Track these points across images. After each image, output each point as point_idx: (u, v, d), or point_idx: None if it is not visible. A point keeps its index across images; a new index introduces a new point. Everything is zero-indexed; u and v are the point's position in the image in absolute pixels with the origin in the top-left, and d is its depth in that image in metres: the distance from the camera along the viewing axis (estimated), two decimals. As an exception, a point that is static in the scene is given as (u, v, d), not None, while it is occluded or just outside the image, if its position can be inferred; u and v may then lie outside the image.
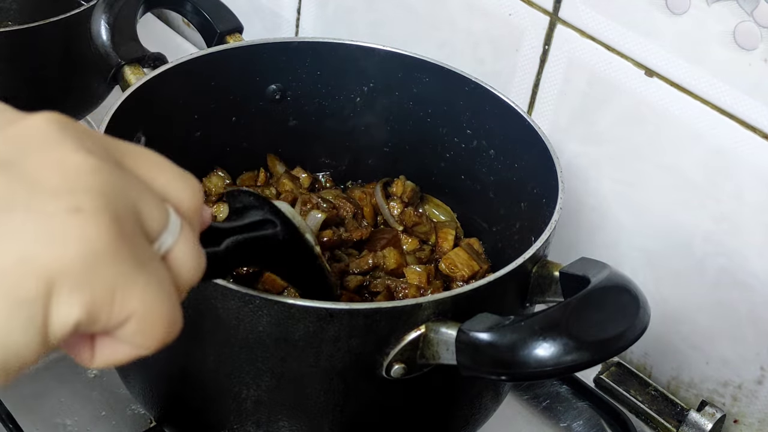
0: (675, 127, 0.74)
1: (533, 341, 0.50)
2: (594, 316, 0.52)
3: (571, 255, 0.87)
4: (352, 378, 0.57)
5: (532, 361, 0.50)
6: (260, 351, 0.56)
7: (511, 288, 0.60)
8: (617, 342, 0.52)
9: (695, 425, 0.78)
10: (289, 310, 0.53)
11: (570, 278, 0.58)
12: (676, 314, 0.81)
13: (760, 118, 0.69)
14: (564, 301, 0.53)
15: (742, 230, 0.73)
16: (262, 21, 1.09)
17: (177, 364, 0.61)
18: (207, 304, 0.55)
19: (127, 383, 0.67)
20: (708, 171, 0.74)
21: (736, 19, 0.68)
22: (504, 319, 0.52)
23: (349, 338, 0.54)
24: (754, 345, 0.76)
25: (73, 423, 0.71)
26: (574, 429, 0.78)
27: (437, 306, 0.54)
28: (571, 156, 0.83)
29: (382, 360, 0.55)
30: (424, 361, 0.55)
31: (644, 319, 0.53)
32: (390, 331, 0.54)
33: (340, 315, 0.54)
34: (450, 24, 0.87)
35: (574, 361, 0.50)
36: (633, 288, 0.54)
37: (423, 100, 0.78)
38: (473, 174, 0.78)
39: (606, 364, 0.83)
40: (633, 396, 0.80)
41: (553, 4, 0.79)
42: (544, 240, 0.60)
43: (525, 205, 0.73)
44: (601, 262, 0.57)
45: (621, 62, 0.76)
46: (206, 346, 0.58)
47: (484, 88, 0.74)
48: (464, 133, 0.78)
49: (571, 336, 0.50)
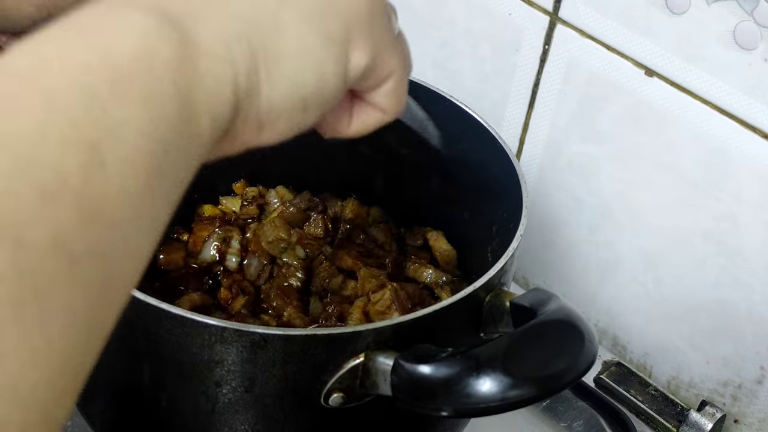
0: (675, 127, 0.74)
1: (467, 376, 0.48)
2: (534, 351, 0.50)
3: (571, 255, 0.88)
4: (289, 405, 0.55)
5: (466, 397, 0.48)
6: (194, 374, 0.54)
7: (461, 317, 0.58)
8: (557, 379, 0.50)
9: (695, 425, 0.77)
10: (221, 333, 0.52)
11: (519, 310, 0.56)
12: (676, 314, 0.81)
13: (760, 118, 0.69)
14: (503, 335, 0.51)
15: (742, 230, 0.73)
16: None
17: (117, 383, 0.61)
18: (141, 323, 0.54)
19: (81, 408, 0.67)
20: (708, 171, 0.74)
21: (736, 18, 0.68)
22: (441, 351, 0.50)
23: (284, 364, 0.53)
24: (754, 345, 0.76)
25: (73, 423, 0.71)
26: (574, 429, 0.78)
27: (378, 334, 0.52)
28: (571, 156, 0.83)
29: (319, 388, 0.53)
30: (363, 391, 0.53)
31: (588, 355, 0.51)
32: (328, 358, 0.52)
33: (274, 340, 0.52)
34: (450, 24, 0.87)
35: (508, 398, 0.48)
36: (578, 323, 0.52)
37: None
38: (449, 193, 0.77)
39: (606, 364, 0.83)
40: (633, 396, 0.80)
41: (553, 4, 0.79)
42: (499, 268, 0.58)
43: (496, 228, 0.71)
44: (553, 294, 0.55)
45: (621, 62, 0.76)
46: (143, 365, 0.57)
47: (458, 106, 0.73)
48: (440, 151, 0.76)
49: (506, 372, 0.48)
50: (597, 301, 0.87)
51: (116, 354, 0.58)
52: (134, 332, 0.55)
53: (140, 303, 0.53)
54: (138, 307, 0.53)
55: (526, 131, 0.86)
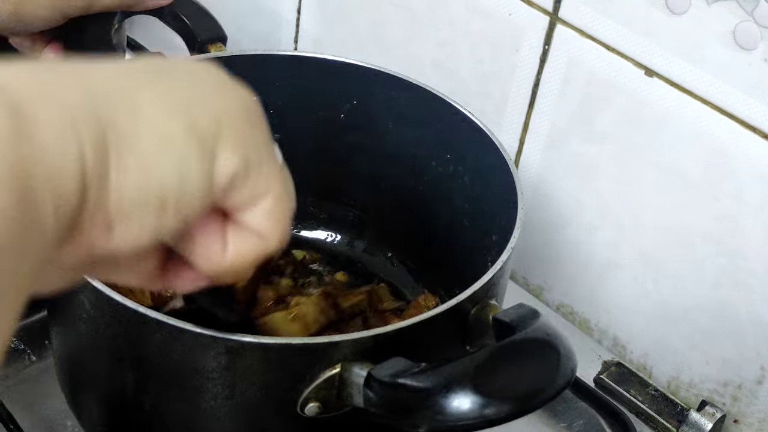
0: (675, 127, 0.74)
1: (436, 393, 0.47)
2: (507, 369, 0.50)
3: (571, 255, 0.88)
4: (268, 414, 0.55)
5: (437, 414, 0.47)
6: (176, 380, 0.55)
7: (445, 330, 0.57)
8: (530, 399, 0.49)
9: (695, 425, 0.77)
10: (198, 339, 0.51)
11: (501, 325, 0.55)
12: (676, 314, 0.81)
13: (760, 118, 0.69)
14: (478, 351, 0.50)
15: (742, 230, 0.73)
16: (262, 21, 1.09)
17: (103, 386, 0.61)
18: (123, 327, 0.54)
19: (68, 402, 0.67)
20: (708, 171, 0.74)
21: (736, 18, 0.68)
22: (415, 366, 0.50)
23: (262, 372, 0.52)
24: (754, 345, 0.76)
25: (73, 423, 0.71)
26: (574, 429, 0.78)
27: (355, 345, 0.52)
28: (571, 156, 0.83)
29: (296, 397, 0.53)
30: (340, 402, 0.53)
31: (564, 375, 0.50)
32: (305, 368, 0.52)
33: (251, 348, 0.51)
34: (450, 24, 0.87)
35: (481, 416, 0.47)
36: (555, 341, 0.51)
37: (402, 120, 0.77)
38: (449, 200, 0.76)
39: (606, 364, 0.83)
40: (633, 396, 0.80)
41: (553, 4, 0.79)
42: (485, 282, 0.57)
43: (495, 237, 0.69)
44: (536, 310, 0.54)
45: (621, 62, 0.76)
46: (125, 369, 0.57)
47: (460, 111, 0.72)
48: (442, 157, 0.76)
49: (475, 390, 0.47)
50: (597, 301, 0.87)
51: (101, 356, 0.59)
52: (117, 336, 0.55)
53: (121, 306, 0.52)
54: (118, 310, 0.53)
55: (526, 131, 0.86)
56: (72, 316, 0.58)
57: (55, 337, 0.66)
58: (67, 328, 0.61)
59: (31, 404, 0.72)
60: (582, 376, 0.80)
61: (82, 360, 0.62)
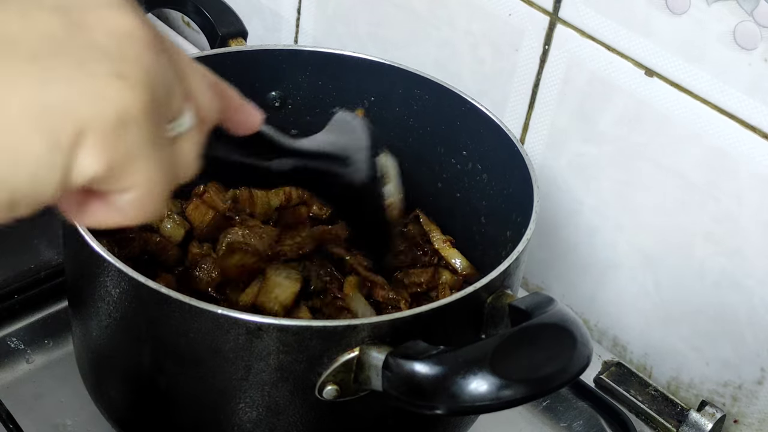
0: (675, 127, 0.74)
1: (454, 374, 0.48)
2: (523, 353, 0.50)
3: (571, 256, 0.88)
4: (283, 395, 0.55)
5: (455, 395, 0.48)
6: (192, 359, 0.55)
7: (460, 317, 0.58)
8: (547, 382, 0.50)
9: (695, 425, 0.77)
10: (218, 320, 0.52)
11: (517, 312, 0.56)
12: (676, 315, 0.81)
13: (760, 118, 0.69)
14: (492, 336, 0.51)
15: (742, 230, 0.73)
16: (262, 21, 1.09)
17: (121, 365, 0.61)
18: (143, 307, 0.54)
19: (87, 386, 0.68)
20: (708, 171, 0.74)
21: (736, 19, 0.68)
22: (432, 349, 0.50)
23: (279, 354, 0.53)
24: (753, 345, 0.76)
25: (74, 423, 0.71)
26: (574, 429, 0.78)
27: (373, 329, 0.52)
28: (571, 156, 0.83)
29: (314, 379, 0.53)
30: (358, 386, 0.53)
31: (581, 359, 0.51)
32: (322, 350, 0.53)
33: (269, 330, 0.52)
34: (450, 24, 0.88)
35: (498, 397, 0.48)
36: (571, 326, 0.52)
37: (422, 117, 0.78)
38: (467, 197, 0.77)
39: (606, 364, 0.83)
40: (633, 396, 0.80)
41: (553, 4, 0.79)
42: (501, 270, 0.58)
43: (510, 233, 0.71)
44: (552, 298, 0.55)
45: (621, 62, 0.76)
46: (143, 348, 0.57)
47: (479, 109, 0.73)
48: (460, 155, 0.77)
49: (493, 372, 0.48)
50: (597, 301, 0.87)
51: (121, 336, 0.60)
52: (137, 315, 0.56)
53: (141, 286, 0.53)
54: (138, 290, 0.53)
55: (526, 132, 0.86)
56: (93, 296, 0.59)
57: (75, 321, 0.66)
58: (88, 309, 0.61)
59: (31, 404, 0.72)
60: (582, 376, 0.80)
61: (102, 341, 0.62)
